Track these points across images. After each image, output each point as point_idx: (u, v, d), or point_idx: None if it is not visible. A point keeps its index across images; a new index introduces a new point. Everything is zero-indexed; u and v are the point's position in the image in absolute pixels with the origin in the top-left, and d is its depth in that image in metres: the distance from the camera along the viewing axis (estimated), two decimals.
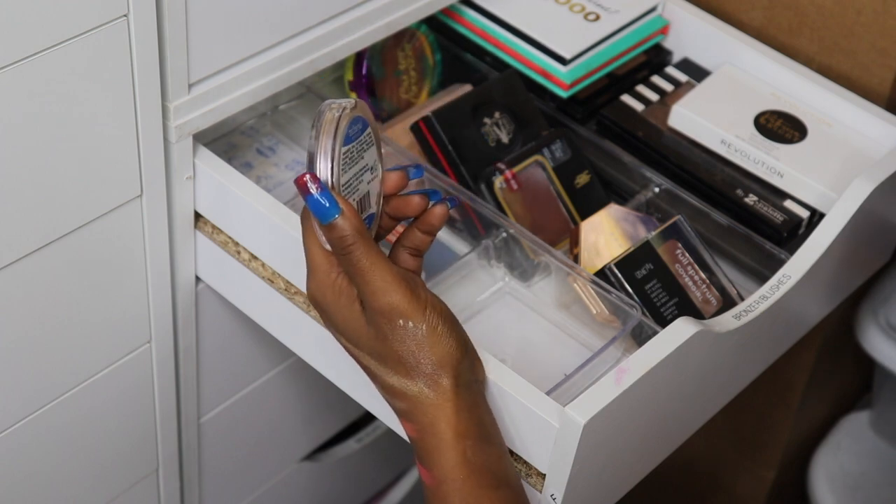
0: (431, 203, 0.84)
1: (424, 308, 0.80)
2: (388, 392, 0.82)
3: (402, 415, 0.82)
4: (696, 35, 1.19)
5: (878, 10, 1.13)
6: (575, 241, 1.03)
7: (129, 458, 1.11)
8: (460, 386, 0.80)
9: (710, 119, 1.10)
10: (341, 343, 0.84)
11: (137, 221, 0.95)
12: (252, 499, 1.34)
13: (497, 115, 1.09)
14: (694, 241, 1.03)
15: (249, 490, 1.33)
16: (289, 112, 1.15)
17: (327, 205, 0.79)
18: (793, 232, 1.06)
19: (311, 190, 0.79)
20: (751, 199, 1.07)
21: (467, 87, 1.15)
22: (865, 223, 1.03)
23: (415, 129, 1.07)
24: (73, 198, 0.90)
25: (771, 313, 0.96)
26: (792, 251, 1.00)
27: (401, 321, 0.79)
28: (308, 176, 0.79)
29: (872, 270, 1.17)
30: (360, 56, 1.13)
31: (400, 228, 0.90)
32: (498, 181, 1.04)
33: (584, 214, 1.06)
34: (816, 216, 1.07)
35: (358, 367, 0.85)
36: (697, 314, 1.00)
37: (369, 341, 0.81)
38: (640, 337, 0.97)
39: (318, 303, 0.83)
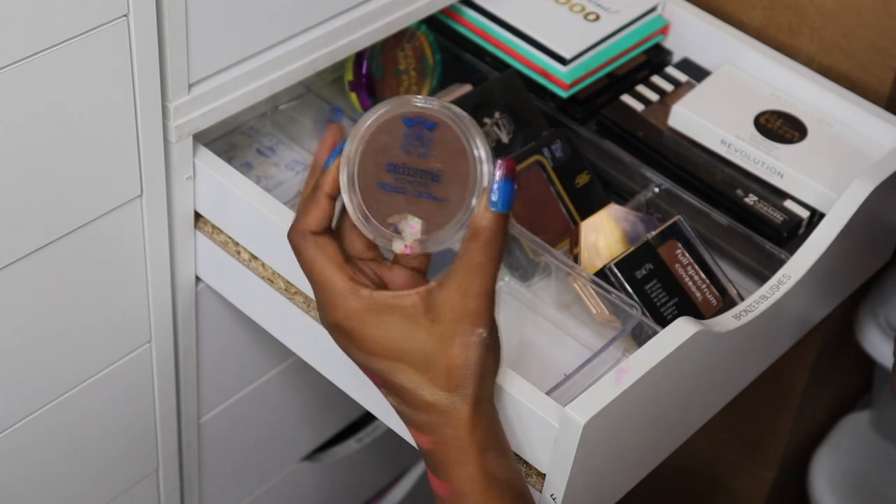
0: None
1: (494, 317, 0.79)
2: (414, 405, 0.79)
3: (420, 427, 0.79)
4: (696, 35, 1.19)
5: (878, 10, 1.13)
6: (575, 241, 1.03)
7: (129, 458, 1.11)
8: (487, 399, 0.79)
9: (710, 119, 1.10)
10: (370, 362, 0.79)
11: (137, 221, 0.95)
12: (252, 499, 1.34)
13: (497, 115, 1.09)
14: (694, 241, 1.03)
15: (249, 490, 1.33)
16: (289, 112, 1.15)
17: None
18: (793, 232, 1.06)
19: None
20: (751, 199, 1.07)
21: (467, 87, 1.15)
22: (865, 223, 1.03)
23: None
24: (73, 198, 0.90)
25: (771, 313, 0.96)
26: (792, 251, 1.00)
27: (480, 329, 0.77)
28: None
29: (872, 270, 1.17)
30: (360, 56, 1.13)
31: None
32: None
33: (584, 214, 1.06)
34: (816, 216, 1.07)
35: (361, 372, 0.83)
36: (697, 314, 1.00)
37: (424, 350, 0.77)
38: (640, 337, 0.97)
39: (350, 325, 0.79)
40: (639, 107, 1.14)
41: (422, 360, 0.78)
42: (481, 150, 0.79)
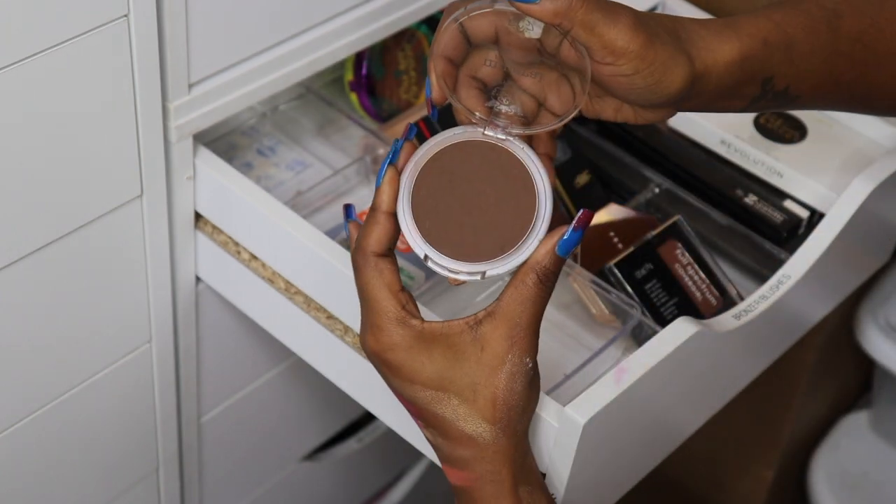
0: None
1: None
2: (452, 437, 0.77)
3: (456, 463, 0.78)
4: None
5: None
6: None
7: (129, 458, 1.11)
8: (524, 432, 0.78)
9: (710, 119, 1.10)
10: (412, 391, 0.77)
11: (138, 221, 0.95)
12: (252, 499, 1.34)
13: None
14: (694, 241, 1.03)
15: (249, 490, 1.33)
16: (289, 112, 1.15)
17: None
18: (792, 232, 1.06)
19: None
20: (750, 199, 1.07)
21: None
22: (865, 223, 1.03)
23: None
24: (73, 198, 0.90)
25: (771, 313, 0.96)
26: (792, 251, 1.00)
27: (527, 358, 0.76)
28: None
29: (872, 270, 1.17)
30: (360, 56, 1.13)
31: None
32: None
33: None
34: (816, 216, 1.07)
35: (396, 400, 0.80)
36: (697, 314, 1.00)
37: (471, 380, 0.76)
38: (640, 337, 0.97)
39: (394, 354, 0.77)
40: None
41: (468, 389, 0.76)
42: (548, 189, 0.78)
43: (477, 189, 0.77)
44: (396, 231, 0.77)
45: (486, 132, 0.77)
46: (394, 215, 0.77)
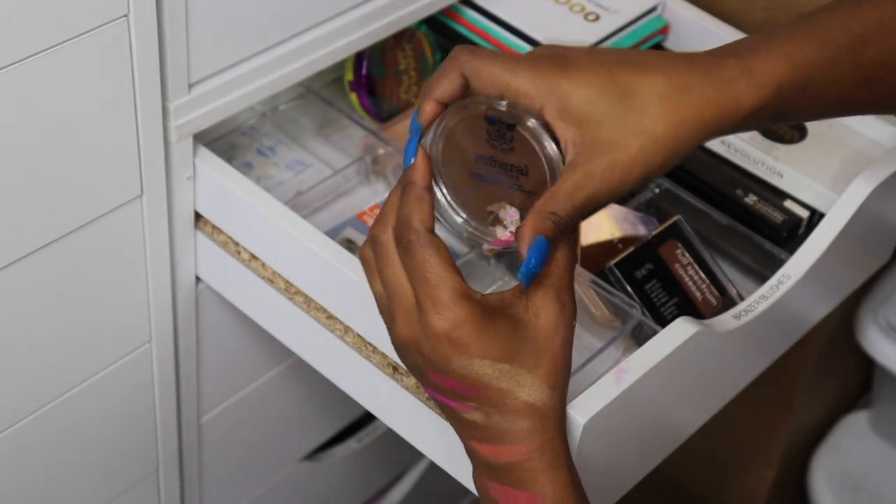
0: None
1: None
2: (512, 411, 0.76)
3: (514, 437, 0.76)
4: (696, 35, 1.19)
5: None
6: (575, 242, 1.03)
7: (129, 458, 1.11)
8: (566, 401, 0.78)
9: None
10: (480, 368, 0.75)
11: (138, 221, 0.95)
12: (252, 499, 1.34)
13: None
14: (694, 241, 1.03)
15: (249, 490, 1.33)
16: (289, 112, 1.15)
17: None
18: (793, 232, 1.06)
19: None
20: (751, 199, 1.07)
21: None
22: (865, 223, 1.03)
23: None
24: (73, 198, 0.90)
25: (771, 313, 0.96)
26: (792, 251, 1.00)
27: (573, 322, 0.77)
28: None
29: (872, 270, 1.17)
30: (360, 56, 1.13)
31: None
32: None
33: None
34: (816, 216, 1.07)
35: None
36: (697, 314, 1.00)
37: (534, 348, 0.76)
38: (640, 337, 0.97)
39: (461, 331, 0.74)
40: None
41: (531, 358, 0.76)
42: (554, 149, 0.78)
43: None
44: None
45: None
46: (431, 189, 0.76)
